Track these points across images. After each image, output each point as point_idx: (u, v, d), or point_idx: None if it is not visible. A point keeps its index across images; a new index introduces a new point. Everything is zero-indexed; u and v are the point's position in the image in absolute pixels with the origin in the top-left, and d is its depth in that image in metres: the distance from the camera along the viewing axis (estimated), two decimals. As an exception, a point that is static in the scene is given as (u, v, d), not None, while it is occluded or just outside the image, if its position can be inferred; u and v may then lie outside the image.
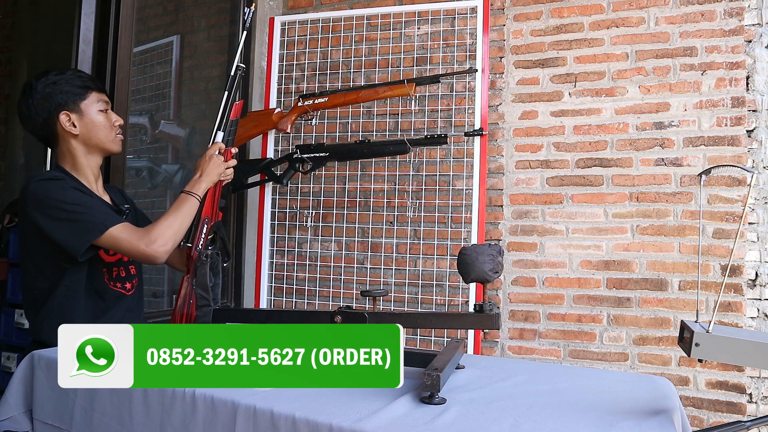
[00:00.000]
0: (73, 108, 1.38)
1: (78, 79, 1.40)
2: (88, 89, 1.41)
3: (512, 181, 2.35)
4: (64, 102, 1.37)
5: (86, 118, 1.39)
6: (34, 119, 1.38)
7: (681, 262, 2.13)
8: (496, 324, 0.98)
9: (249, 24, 1.53)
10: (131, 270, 1.47)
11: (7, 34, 3.20)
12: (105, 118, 1.43)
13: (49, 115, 1.37)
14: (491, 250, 0.97)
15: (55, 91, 1.36)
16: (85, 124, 1.40)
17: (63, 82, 1.38)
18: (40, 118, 1.37)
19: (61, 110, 1.37)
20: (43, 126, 1.38)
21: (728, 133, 2.10)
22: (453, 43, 2.40)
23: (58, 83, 1.37)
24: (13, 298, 1.98)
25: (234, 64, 1.45)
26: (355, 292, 2.41)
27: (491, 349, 2.32)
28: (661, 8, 2.20)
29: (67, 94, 1.37)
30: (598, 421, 0.83)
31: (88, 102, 1.40)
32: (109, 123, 1.43)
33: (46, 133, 1.40)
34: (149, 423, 0.96)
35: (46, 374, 1.08)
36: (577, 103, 2.28)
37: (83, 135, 1.40)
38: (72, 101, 1.38)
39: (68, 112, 1.38)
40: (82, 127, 1.39)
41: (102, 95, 1.44)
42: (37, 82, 1.37)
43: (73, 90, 1.38)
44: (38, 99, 1.36)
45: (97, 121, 1.41)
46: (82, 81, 1.41)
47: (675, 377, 2.09)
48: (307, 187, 2.55)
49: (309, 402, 0.88)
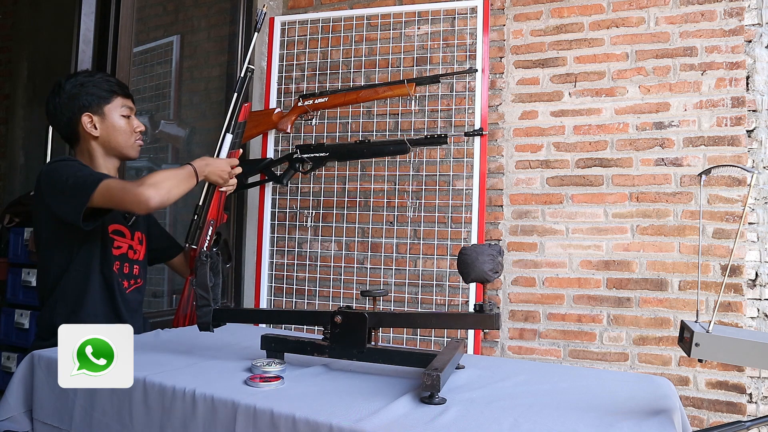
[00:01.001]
0: (96, 110, 1.42)
1: (105, 83, 1.44)
2: (114, 93, 1.44)
3: (512, 181, 2.35)
4: (88, 104, 1.41)
5: (107, 121, 1.43)
6: (59, 118, 1.42)
7: (681, 262, 2.13)
8: (496, 324, 0.98)
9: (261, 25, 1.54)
10: (135, 269, 1.49)
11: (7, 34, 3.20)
12: (126, 123, 1.46)
13: (72, 115, 1.41)
14: (491, 250, 0.97)
15: (81, 92, 1.41)
16: (106, 127, 1.43)
17: (90, 85, 1.42)
18: (65, 117, 1.42)
19: (84, 111, 1.41)
20: (67, 125, 1.43)
21: (728, 133, 2.10)
22: (453, 43, 2.40)
23: (86, 85, 1.41)
24: (13, 298, 1.98)
25: (244, 65, 1.47)
26: (355, 292, 2.41)
27: (491, 349, 2.32)
28: (661, 8, 2.20)
29: (93, 96, 1.41)
30: (598, 421, 0.83)
31: (111, 106, 1.44)
32: (129, 128, 1.46)
33: (69, 132, 1.44)
34: (149, 423, 0.96)
35: (46, 374, 1.08)
36: (577, 103, 2.28)
37: (103, 137, 1.44)
38: (96, 104, 1.42)
39: (91, 114, 1.42)
40: (102, 130, 1.43)
41: (127, 101, 1.47)
42: (66, 82, 1.42)
43: (98, 93, 1.42)
44: (65, 99, 1.41)
45: (118, 126, 1.44)
46: (109, 85, 1.45)
47: (675, 377, 2.09)
48: (307, 187, 2.55)
49: (309, 402, 0.88)
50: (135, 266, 1.49)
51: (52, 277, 1.37)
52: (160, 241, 1.63)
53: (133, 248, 1.49)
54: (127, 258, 1.46)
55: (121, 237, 1.46)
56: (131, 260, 1.47)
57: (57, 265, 1.37)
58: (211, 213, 1.41)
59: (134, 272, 1.48)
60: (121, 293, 1.43)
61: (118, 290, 1.42)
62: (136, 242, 1.50)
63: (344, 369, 1.10)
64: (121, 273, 1.44)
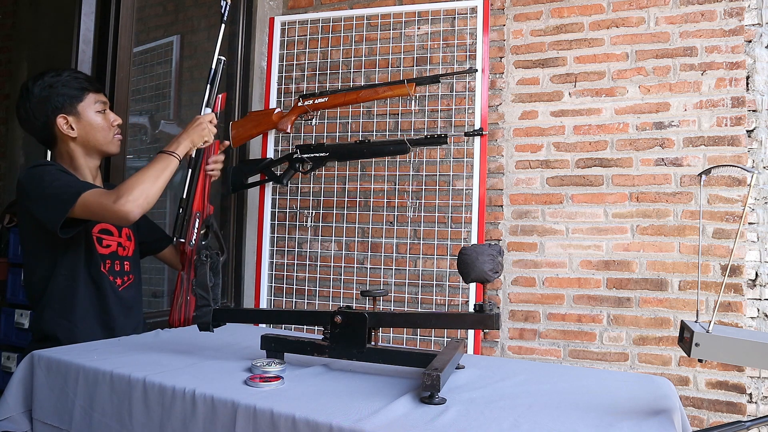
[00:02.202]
0: (70, 111, 1.38)
1: (75, 81, 1.39)
2: (85, 90, 1.40)
3: (512, 181, 2.35)
4: (60, 105, 1.37)
5: (83, 120, 1.39)
6: (33, 122, 1.38)
7: (681, 262, 2.13)
8: (496, 324, 0.98)
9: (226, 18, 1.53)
10: (126, 266, 1.48)
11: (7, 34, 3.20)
12: (103, 119, 1.42)
13: (46, 119, 1.37)
14: (491, 250, 0.97)
15: (51, 94, 1.36)
16: (83, 126, 1.39)
17: (59, 85, 1.37)
18: (39, 122, 1.37)
19: (58, 113, 1.37)
20: (42, 129, 1.38)
21: (728, 133, 2.10)
22: (453, 43, 2.40)
23: (55, 86, 1.36)
24: (13, 298, 1.98)
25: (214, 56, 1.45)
26: (355, 292, 2.41)
27: (491, 349, 2.32)
28: (661, 8, 2.20)
29: (64, 96, 1.37)
30: (598, 421, 0.83)
31: (85, 104, 1.40)
32: (107, 124, 1.43)
33: (45, 136, 1.40)
34: (149, 423, 0.95)
35: (45, 374, 1.08)
36: (577, 103, 2.28)
37: (81, 137, 1.40)
38: (69, 104, 1.37)
39: (65, 115, 1.37)
40: (80, 130, 1.39)
41: (99, 95, 1.43)
42: (34, 85, 1.36)
43: (69, 92, 1.38)
44: (35, 102, 1.36)
45: (95, 123, 1.41)
46: (79, 82, 1.40)
47: (675, 377, 2.09)
48: (307, 187, 2.55)
49: (309, 402, 0.88)
50: (126, 262, 1.48)
51: (39, 283, 1.36)
52: (149, 234, 1.61)
53: (122, 245, 1.48)
54: (117, 255, 1.45)
55: (108, 235, 1.45)
56: (121, 257, 1.46)
57: (43, 270, 1.35)
58: (196, 205, 1.40)
59: (125, 268, 1.47)
60: (114, 292, 1.42)
61: (110, 289, 1.41)
62: (124, 239, 1.49)
63: (344, 369, 1.10)
64: (112, 271, 1.43)
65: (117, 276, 1.45)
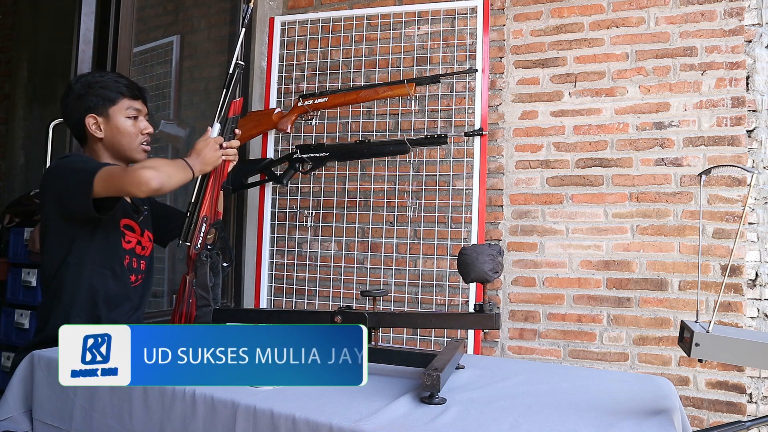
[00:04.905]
0: (101, 112, 1.41)
1: (114, 84, 1.43)
2: (121, 95, 1.43)
3: (512, 181, 2.35)
4: (93, 105, 1.41)
5: (112, 123, 1.42)
6: (69, 118, 1.44)
7: (681, 262, 2.13)
8: (496, 324, 0.98)
9: (248, 21, 1.53)
10: (141, 265, 1.49)
11: (7, 34, 3.21)
12: (132, 125, 1.45)
13: (79, 116, 1.41)
14: (491, 250, 0.97)
15: (88, 93, 1.40)
16: (111, 129, 1.43)
17: (98, 86, 1.41)
18: (74, 118, 1.43)
19: (89, 113, 1.41)
20: (76, 125, 1.43)
21: (728, 133, 2.10)
22: (453, 43, 2.40)
23: (93, 86, 1.41)
24: (13, 298, 1.98)
25: (233, 61, 1.45)
26: (355, 292, 2.41)
27: (491, 349, 2.32)
28: (661, 8, 2.20)
29: (98, 98, 1.41)
30: (598, 421, 0.83)
31: (116, 108, 1.43)
32: (135, 130, 1.45)
33: (78, 132, 1.45)
34: (149, 423, 0.96)
35: (46, 374, 1.08)
36: (577, 103, 2.28)
37: (108, 139, 1.43)
38: (101, 105, 1.41)
39: (95, 115, 1.41)
40: (107, 132, 1.43)
41: (135, 102, 1.45)
42: (76, 82, 1.42)
43: (105, 94, 1.41)
44: (73, 99, 1.41)
45: (122, 128, 1.43)
46: (117, 87, 1.43)
47: (675, 377, 2.09)
48: (307, 187, 2.55)
49: (309, 402, 0.88)
50: (142, 261, 1.49)
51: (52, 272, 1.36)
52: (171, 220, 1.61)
53: (141, 244, 1.49)
54: (135, 253, 1.47)
55: (131, 232, 1.46)
56: (138, 256, 1.48)
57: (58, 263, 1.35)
58: (204, 210, 1.40)
59: (141, 267, 1.49)
60: (127, 287, 1.43)
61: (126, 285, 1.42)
62: (145, 239, 1.51)
63: (344, 369, 1.10)
64: (130, 267, 1.45)
65: (133, 273, 1.46)
